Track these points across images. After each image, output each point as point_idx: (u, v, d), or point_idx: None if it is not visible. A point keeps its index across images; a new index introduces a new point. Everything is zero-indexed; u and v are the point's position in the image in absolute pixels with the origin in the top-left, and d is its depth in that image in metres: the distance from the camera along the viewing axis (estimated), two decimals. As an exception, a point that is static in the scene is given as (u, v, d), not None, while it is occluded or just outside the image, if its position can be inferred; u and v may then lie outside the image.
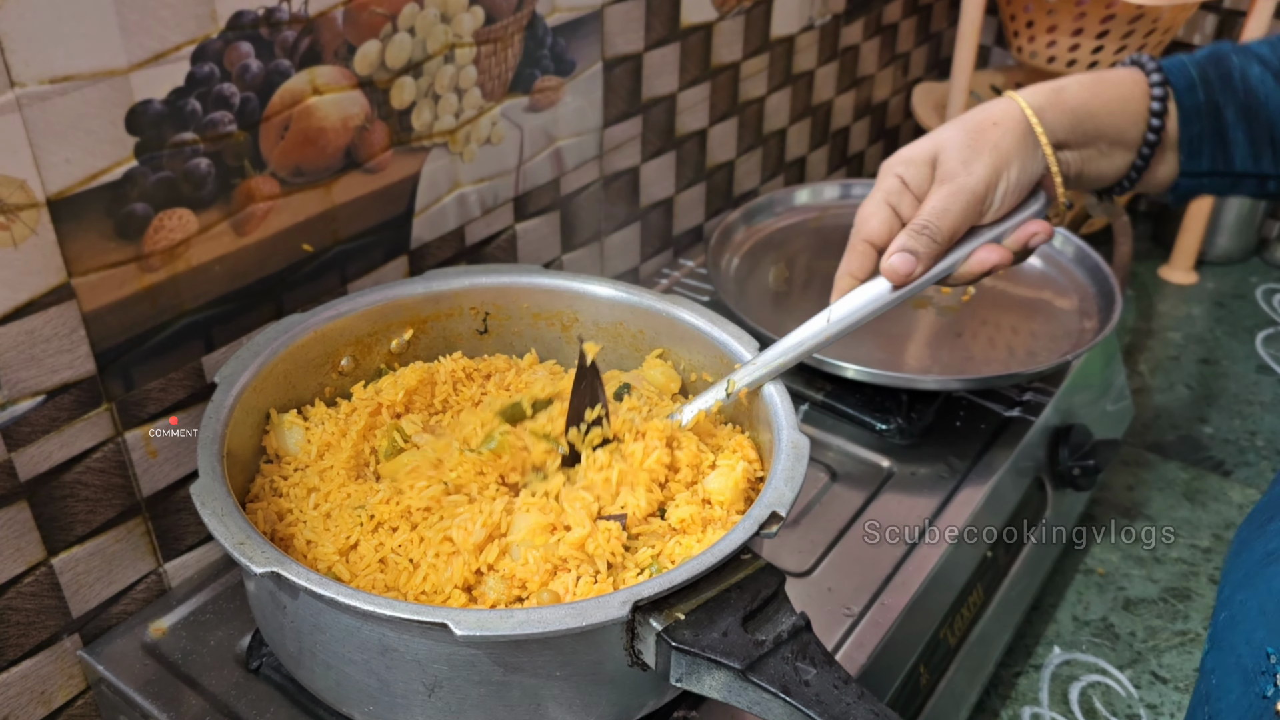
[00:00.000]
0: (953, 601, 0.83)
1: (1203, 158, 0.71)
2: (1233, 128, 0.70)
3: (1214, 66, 0.70)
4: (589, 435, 0.67)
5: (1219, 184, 0.73)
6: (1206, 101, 0.70)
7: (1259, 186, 0.73)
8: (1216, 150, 0.71)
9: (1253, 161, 0.71)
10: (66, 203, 0.62)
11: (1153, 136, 0.70)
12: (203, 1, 0.65)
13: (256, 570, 0.54)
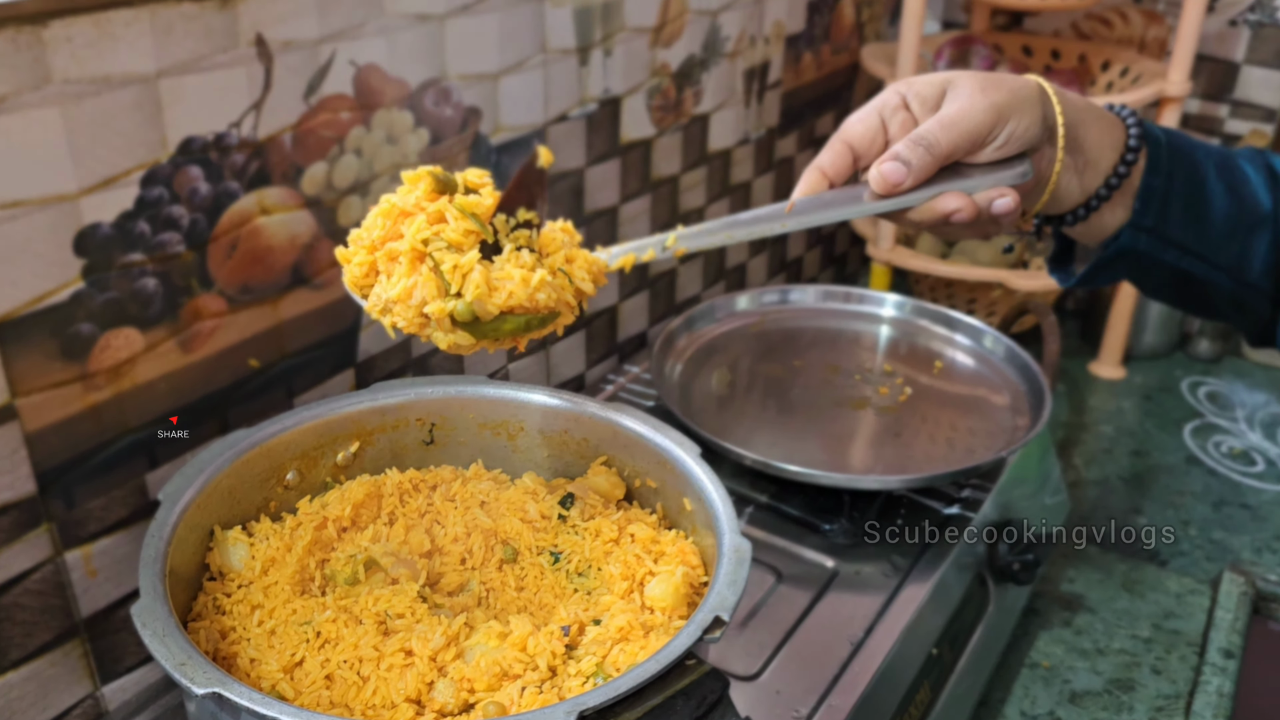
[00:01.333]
0: (900, 700, 0.84)
1: (1150, 212, 0.74)
2: (1177, 197, 0.75)
3: (1178, 140, 0.75)
4: (515, 232, 0.65)
5: (1150, 247, 0.76)
6: (1168, 162, 0.73)
7: (1176, 273, 0.77)
8: (1162, 210, 0.74)
9: (1181, 232, 0.75)
10: (11, 325, 0.63)
11: (1124, 169, 0.73)
12: (153, 128, 0.67)
13: (198, 691, 0.54)
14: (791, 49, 1.39)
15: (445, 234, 0.63)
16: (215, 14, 0.68)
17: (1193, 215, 0.75)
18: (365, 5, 0.78)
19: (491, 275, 0.63)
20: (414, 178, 0.65)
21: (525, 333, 0.66)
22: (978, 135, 0.68)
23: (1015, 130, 0.69)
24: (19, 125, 0.60)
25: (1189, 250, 0.76)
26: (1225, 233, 0.76)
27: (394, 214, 0.64)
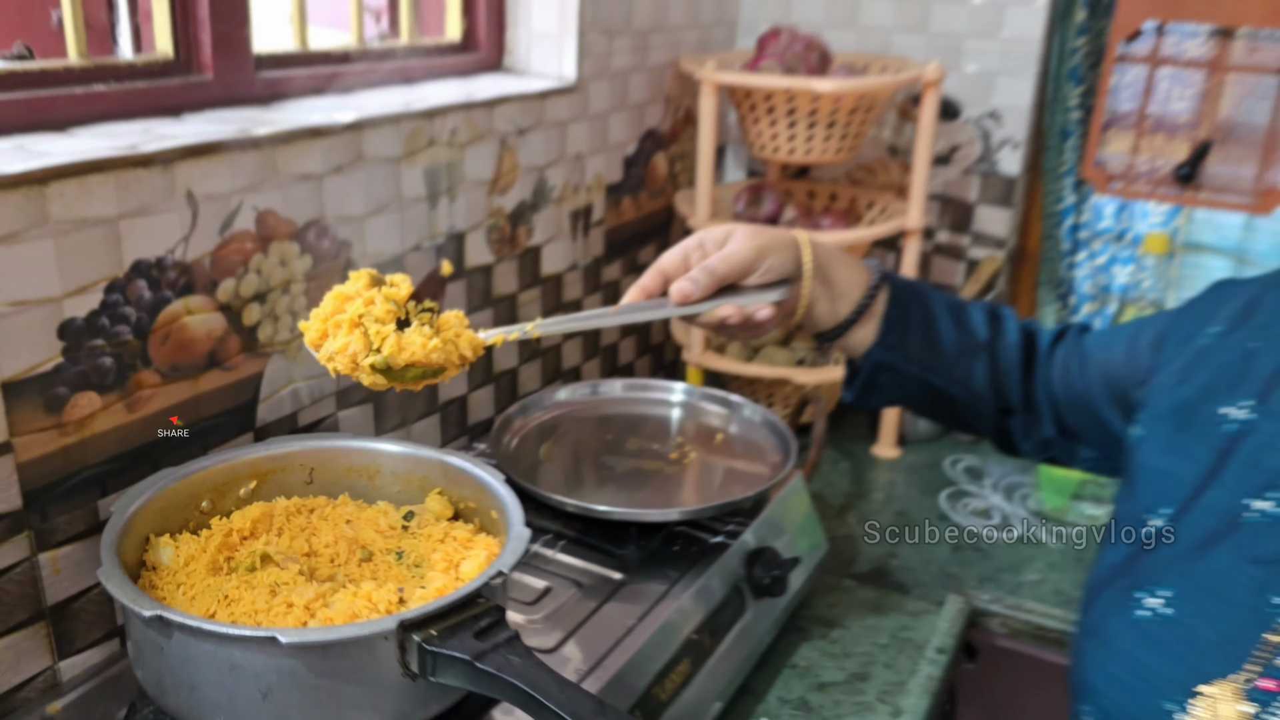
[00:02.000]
0: (661, 668, 1.13)
1: (892, 334, 1.06)
2: (914, 324, 1.07)
3: (917, 285, 1.08)
4: (421, 314, 0.94)
5: (896, 361, 1.07)
6: (906, 299, 1.06)
7: (921, 384, 1.08)
8: (902, 333, 1.07)
9: (919, 351, 1.07)
10: (13, 385, 0.91)
11: (867, 300, 1.06)
12: (114, 253, 0.97)
13: (145, 614, 0.82)
14: (612, 195, 1.76)
15: (373, 312, 0.94)
16: (159, 175, 1.00)
17: (927, 339, 1.08)
18: (264, 167, 1.10)
19: (401, 340, 0.93)
20: (357, 275, 0.96)
21: (423, 379, 0.96)
22: (746, 266, 1.01)
23: (772, 264, 1.02)
24: (26, 251, 0.90)
25: (927, 366, 1.09)
26: (954, 354, 1.09)
27: (341, 298, 0.95)
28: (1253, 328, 0.80)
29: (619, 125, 1.74)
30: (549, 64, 1.60)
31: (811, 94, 1.66)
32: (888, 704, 1.30)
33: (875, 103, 1.73)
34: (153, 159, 0.98)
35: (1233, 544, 0.70)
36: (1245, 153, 1.84)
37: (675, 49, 1.87)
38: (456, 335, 0.97)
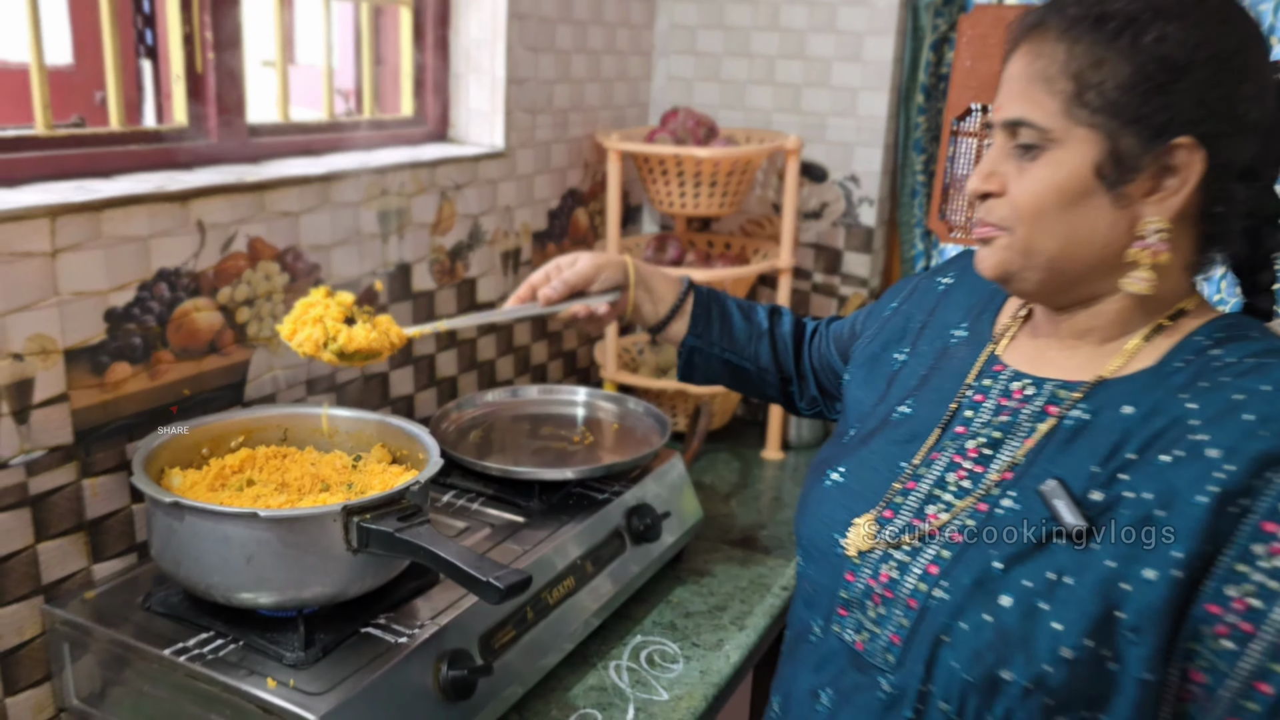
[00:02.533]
0: (550, 580, 1.48)
1: (698, 326, 1.44)
2: (714, 319, 1.46)
3: (715, 292, 1.47)
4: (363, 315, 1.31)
5: (704, 346, 1.46)
6: (708, 301, 1.45)
7: (726, 371, 1.47)
8: (705, 326, 1.45)
9: (720, 339, 1.45)
10: (71, 352, 1.28)
11: (678, 302, 1.44)
12: (144, 262, 1.35)
13: (165, 500, 1.18)
14: (538, 240, 2.15)
15: (329, 313, 1.32)
16: (178, 208, 1.38)
17: (724, 329, 1.47)
18: (255, 205, 1.49)
19: (350, 332, 1.31)
20: (316, 289, 1.35)
21: (365, 360, 1.34)
22: (589, 277, 1.41)
23: (607, 276, 1.42)
24: (85, 257, 1.28)
25: (726, 348, 1.48)
26: (745, 339, 1.48)
27: (306, 305, 1.33)
28: (913, 302, 1.19)
29: (543, 184, 2.15)
30: (483, 135, 2.01)
31: (695, 159, 2.07)
32: (737, 625, 1.66)
33: (749, 166, 2.14)
34: (174, 196, 1.37)
35: (884, 435, 1.07)
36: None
37: (593, 124, 2.28)
38: (387, 329, 1.36)
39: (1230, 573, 0.77)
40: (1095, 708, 0.80)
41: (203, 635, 1.25)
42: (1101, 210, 0.85)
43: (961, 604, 0.85)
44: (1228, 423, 0.80)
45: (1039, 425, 0.91)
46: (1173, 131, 0.82)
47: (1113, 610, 0.79)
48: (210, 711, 1.20)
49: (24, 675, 1.30)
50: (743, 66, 2.39)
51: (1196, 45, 0.82)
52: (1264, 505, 0.77)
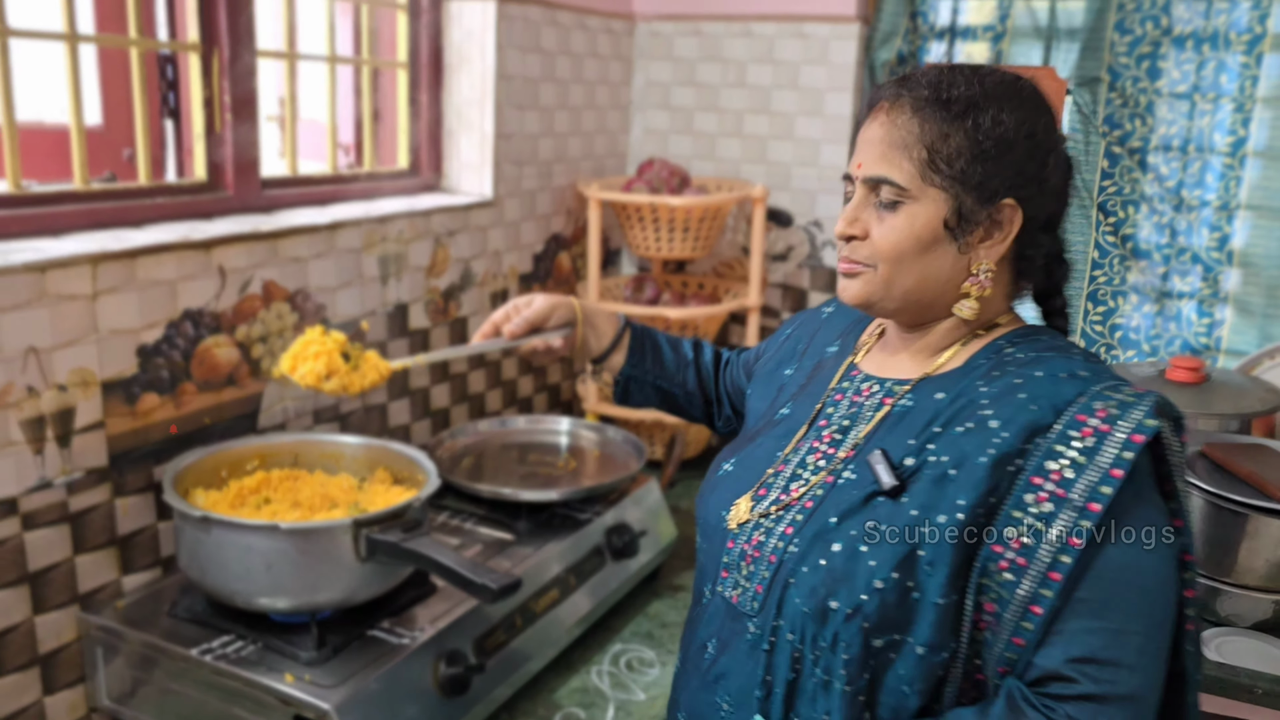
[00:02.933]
0: (537, 590, 1.63)
1: (634, 357, 1.61)
2: (647, 351, 1.63)
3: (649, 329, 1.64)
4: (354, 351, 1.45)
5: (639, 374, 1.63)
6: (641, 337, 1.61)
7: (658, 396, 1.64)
8: (640, 358, 1.62)
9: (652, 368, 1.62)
10: (107, 384, 1.43)
11: (617, 338, 1.61)
12: (171, 303, 1.51)
13: (195, 514, 1.32)
14: (525, 282, 2.32)
15: (326, 349, 1.47)
16: (202, 255, 1.54)
17: (656, 359, 1.65)
18: (268, 252, 1.65)
19: (342, 368, 1.47)
20: (313, 329, 1.50)
21: (357, 390, 1.49)
22: (544, 316, 1.56)
23: (559, 315, 1.57)
24: (120, 299, 1.43)
25: (659, 376, 1.65)
26: (673, 368, 1.65)
27: (305, 343, 1.48)
28: (802, 328, 1.38)
29: (529, 230, 2.31)
30: (473, 185, 2.18)
31: (669, 207, 2.24)
32: (708, 634, 1.80)
33: (719, 213, 2.32)
34: (199, 244, 1.53)
35: (768, 433, 1.26)
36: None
37: (575, 174, 2.46)
38: (375, 363, 1.52)
39: (1008, 518, 0.96)
40: (902, 629, 0.99)
41: (225, 638, 1.39)
42: (947, 254, 1.06)
43: (805, 553, 1.06)
44: (1007, 401, 1.00)
45: (877, 413, 1.11)
46: (1001, 194, 1.04)
47: (915, 549, 0.99)
48: (233, 705, 1.34)
49: (61, 677, 1.43)
50: (713, 121, 2.58)
51: (1018, 126, 1.04)
52: (1033, 464, 0.96)
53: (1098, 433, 0.96)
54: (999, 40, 2.35)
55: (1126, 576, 0.95)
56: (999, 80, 1.06)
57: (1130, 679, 0.95)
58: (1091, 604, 0.95)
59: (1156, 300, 2.30)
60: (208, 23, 1.65)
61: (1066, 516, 0.94)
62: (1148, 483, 0.98)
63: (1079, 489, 0.94)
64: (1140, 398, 0.97)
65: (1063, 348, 1.06)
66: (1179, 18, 2.18)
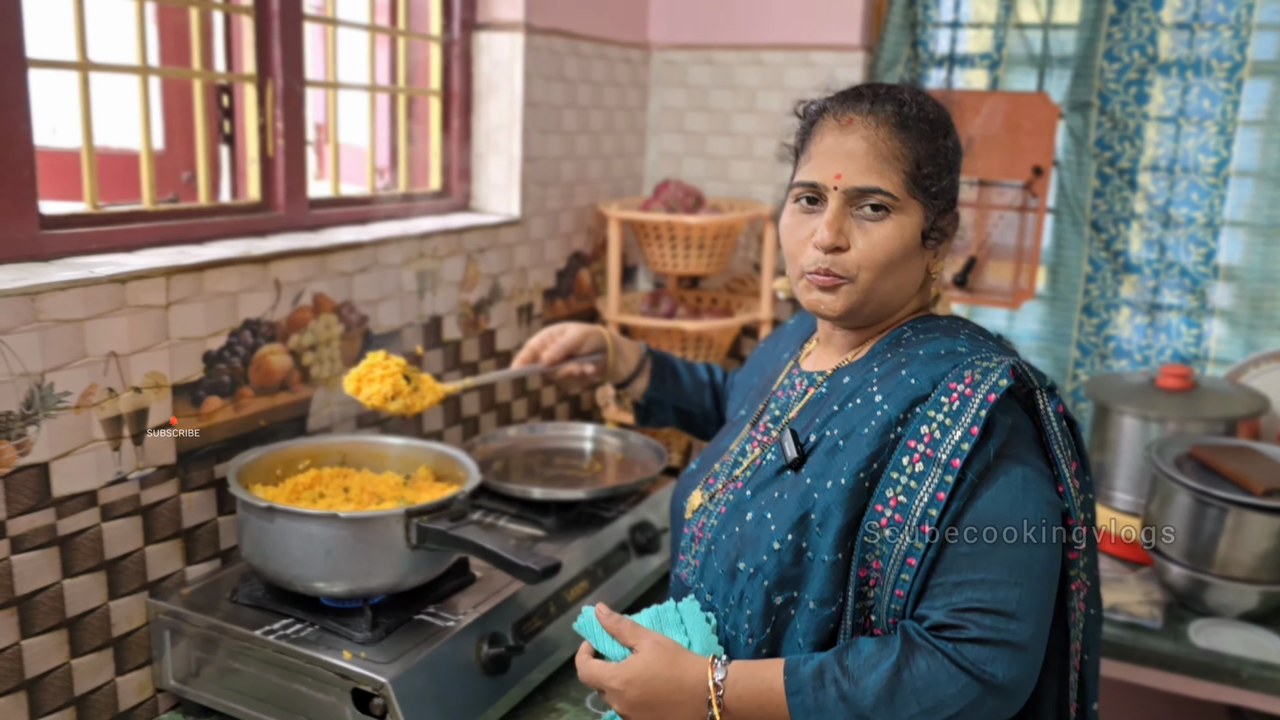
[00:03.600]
0: (568, 580, 1.75)
1: (655, 382, 1.74)
2: (667, 376, 1.75)
3: (669, 355, 1.76)
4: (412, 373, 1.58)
5: (661, 396, 1.75)
6: (663, 362, 1.74)
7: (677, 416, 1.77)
8: (660, 381, 1.74)
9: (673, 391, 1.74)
10: (177, 387, 1.56)
11: (640, 365, 1.74)
12: (233, 313, 1.63)
13: (261, 504, 1.45)
14: (548, 297, 2.45)
15: (390, 371, 1.60)
16: (260, 269, 1.67)
17: (675, 383, 1.77)
18: (318, 267, 1.77)
19: (404, 390, 1.59)
20: (376, 354, 1.62)
21: (417, 411, 1.62)
22: (578, 344, 1.70)
23: (591, 343, 1.71)
24: (188, 309, 1.56)
25: (679, 398, 1.77)
26: (691, 391, 1.77)
27: (370, 365, 1.61)
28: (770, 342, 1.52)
29: (552, 248, 2.45)
30: (501, 205, 2.31)
31: (685, 225, 2.38)
32: (726, 624, 1.92)
33: (732, 231, 2.45)
34: (257, 259, 1.66)
35: (726, 432, 1.39)
36: (1001, 266, 2.56)
37: (595, 194, 2.59)
38: (432, 386, 1.65)
39: (888, 480, 1.06)
40: (798, 586, 1.10)
41: (284, 620, 1.51)
42: (918, 261, 1.19)
43: (724, 523, 1.19)
44: (892, 378, 1.11)
45: (800, 402, 1.23)
46: (953, 204, 1.19)
47: (808, 513, 1.10)
48: (294, 682, 1.46)
49: (131, 659, 1.55)
50: (725, 144, 2.71)
51: (957, 145, 1.19)
52: (911, 429, 1.07)
53: (962, 396, 1.05)
54: (995, 67, 2.49)
55: (997, 529, 1.04)
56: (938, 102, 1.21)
57: (1015, 628, 1.02)
58: (969, 557, 1.03)
59: (1147, 312, 2.42)
60: (263, 56, 1.79)
61: (934, 473, 1.04)
62: (1021, 443, 1.07)
63: (945, 447, 1.04)
64: (1001, 364, 1.08)
65: (951, 329, 1.18)
66: (1164, 46, 2.32)
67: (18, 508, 1.36)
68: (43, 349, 1.36)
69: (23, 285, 1.33)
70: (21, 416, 1.35)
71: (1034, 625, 1.04)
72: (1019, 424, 1.08)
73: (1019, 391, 1.10)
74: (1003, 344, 1.22)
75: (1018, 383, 1.08)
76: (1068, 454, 1.10)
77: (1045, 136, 2.38)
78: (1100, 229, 2.44)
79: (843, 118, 1.15)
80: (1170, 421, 2.13)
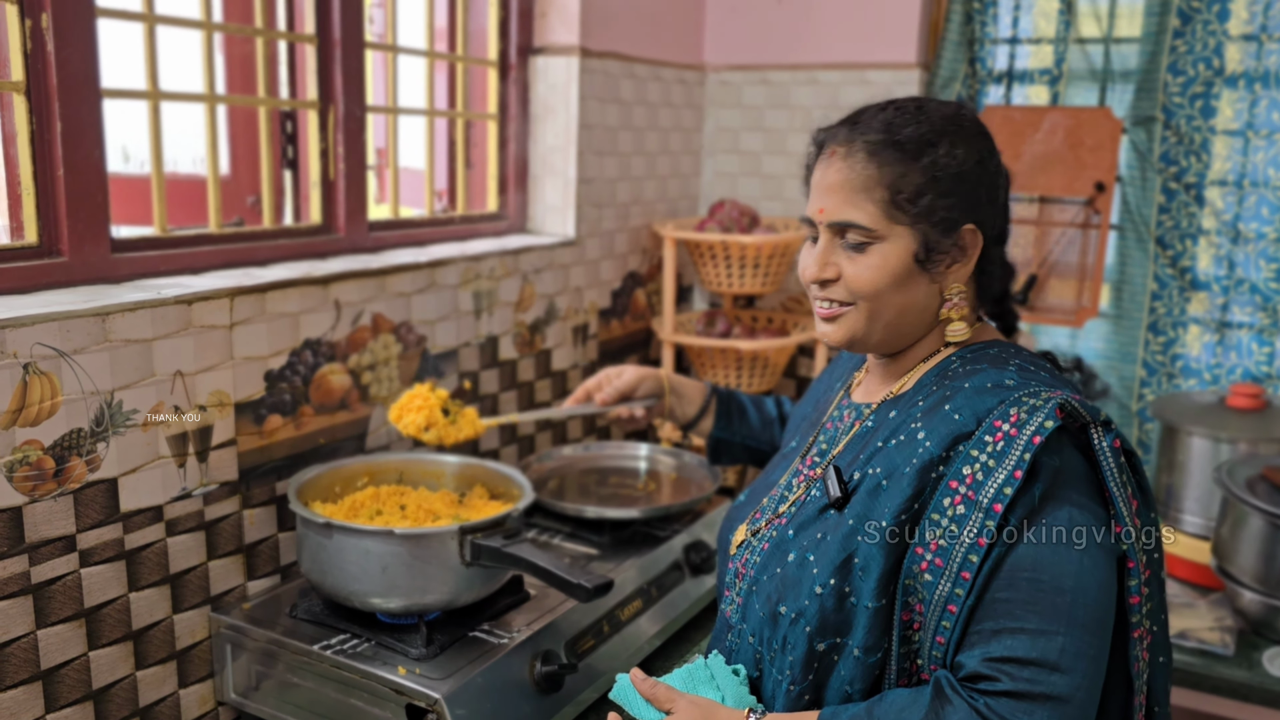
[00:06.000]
0: (622, 600, 1.75)
1: (721, 421, 1.73)
2: (734, 415, 1.75)
3: (735, 392, 1.77)
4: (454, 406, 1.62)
5: (728, 436, 1.75)
6: (727, 401, 1.74)
7: (746, 454, 1.76)
8: (727, 421, 1.74)
9: (740, 430, 1.74)
10: (240, 405, 1.59)
11: (704, 406, 1.73)
12: (294, 333, 1.67)
13: (319, 520, 1.47)
14: (603, 317, 2.46)
15: (429, 403, 1.63)
16: (320, 290, 1.70)
17: (743, 422, 1.76)
18: (377, 287, 1.81)
19: (440, 422, 1.62)
20: (423, 385, 1.66)
21: (451, 443, 1.65)
22: (632, 386, 1.70)
23: (646, 386, 1.71)
24: (252, 329, 1.60)
25: (747, 436, 1.76)
26: (759, 428, 1.77)
27: (412, 396, 1.64)
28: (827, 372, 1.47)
29: (608, 268, 2.46)
30: (557, 226, 2.33)
31: (740, 245, 2.38)
32: (782, 646, 1.90)
33: (787, 251, 2.44)
34: (318, 280, 1.69)
35: (775, 464, 1.35)
36: (1064, 284, 2.52)
37: (650, 215, 2.60)
38: (472, 420, 1.67)
39: (929, 522, 1.01)
40: (843, 633, 1.04)
41: (342, 636, 1.53)
42: (920, 284, 1.12)
43: (766, 563, 1.14)
44: (935, 413, 1.05)
45: (846, 435, 1.18)
46: (961, 222, 1.10)
47: (851, 556, 1.04)
48: (350, 696, 1.48)
49: (193, 671, 1.58)
50: (780, 163, 2.71)
51: (967, 156, 1.10)
52: (953, 469, 1.01)
53: (1007, 437, 0.99)
54: (1055, 83, 2.46)
55: (1041, 577, 0.96)
56: (944, 115, 1.12)
57: (1058, 680, 0.95)
58: (1007, 604, 0.97)
59: (1216, 330, 2.37)
60: (325, 82, 1.83)
61: (975, 517, 0.97)
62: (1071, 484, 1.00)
63: (987, 490, 0.98)
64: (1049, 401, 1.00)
65: (1001, 359, 1.10)
66: (1231, 58, 2.27)
67: (87, 522, 1.40)
68: (112, 368, 1.40)
69: (94, 306, 1.37)
70: (92, 434, 1.39)
71: (1081, 677, 0.97)
72: (1069, 464, 1.02)
73: (1071, 427, 1.03)
74: (1058, 374, 1.13)
75: (1069, 419, 1.02)
76: (1126, 492, 1.03)
77: (1108, 152, 2.34)
78: (1166, 245, 2.39)
79: (827, 149, 1.15)
80: (1241, 442, 2.08)
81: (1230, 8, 2.25)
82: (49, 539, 1.36)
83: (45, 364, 1.33)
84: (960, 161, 1.10)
